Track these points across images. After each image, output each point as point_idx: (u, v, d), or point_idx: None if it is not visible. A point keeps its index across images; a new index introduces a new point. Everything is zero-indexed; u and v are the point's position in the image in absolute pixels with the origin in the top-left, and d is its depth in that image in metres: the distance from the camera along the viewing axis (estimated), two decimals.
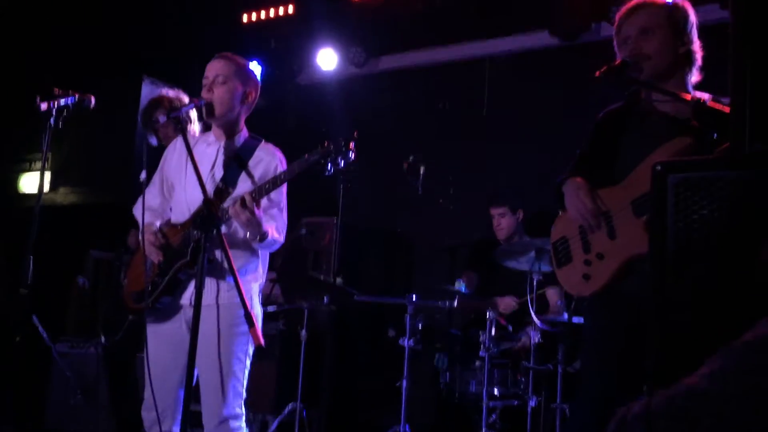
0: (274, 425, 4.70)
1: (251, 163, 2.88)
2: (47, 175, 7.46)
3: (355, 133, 2.61)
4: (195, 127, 3.80)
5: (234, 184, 2.84)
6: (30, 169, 7.66)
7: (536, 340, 4.17)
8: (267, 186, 2.68)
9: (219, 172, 2.88)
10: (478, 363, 4.34)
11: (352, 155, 2.58)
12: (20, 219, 3.77)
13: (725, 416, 0.94)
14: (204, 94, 2.87)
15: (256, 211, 2.63)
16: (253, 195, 2.65)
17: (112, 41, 6.67)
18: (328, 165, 2.57)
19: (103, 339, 2.83)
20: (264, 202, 2.81)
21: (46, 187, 7.38)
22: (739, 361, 0.97)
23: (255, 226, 2.66)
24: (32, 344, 4.96)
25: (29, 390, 5.35)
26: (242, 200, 2.62)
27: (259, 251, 2.91)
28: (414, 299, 4.42)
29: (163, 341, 2.84)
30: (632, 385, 2.36)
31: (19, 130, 6.96)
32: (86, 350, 5.26)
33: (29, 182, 7.63)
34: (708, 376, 0.98)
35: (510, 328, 4.51)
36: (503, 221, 4.91)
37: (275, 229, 2.82)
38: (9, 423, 3.16)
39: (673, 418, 0.98)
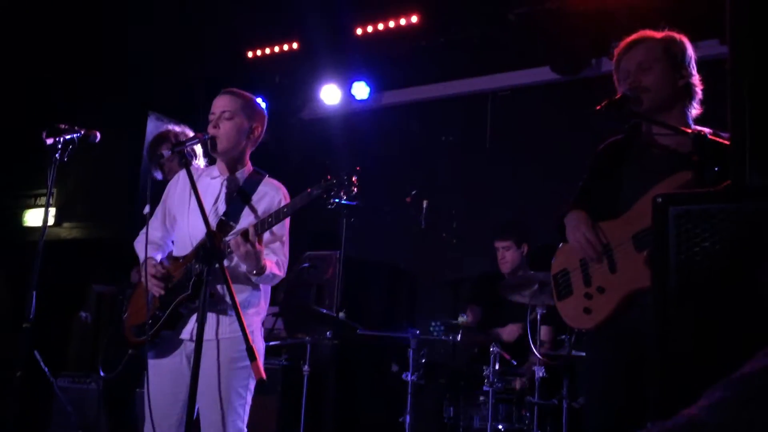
0: None
1: (255, 197, 2.89)
2: (52, 210, 7.50)
3: (358, 168, 2.62)
4: (200, 161, 3.83)
5: (237, 219, 2.85)
6: (35, 204, 7.70)
7: (540, 375, 4.14)
8: (270, 220, 2.69)
9: (222, 206, 2.89)
10: (482, 398, 4.30)
11: (354, 189, 2.59)
12: (24, 253, 3.78)
13: None
14: (210, 129, 2.88)
15: (257, 245, 2.64)
16: (256, 228, 2.66)
17: (117, 76, 6.74)
18: (331, 199, 2.58)
19: (102, 373, 2.82)
20: (266, 236, 2.81)
21: (51, 222, 7.41)
22: (738, 393, 0.97)
23: (254, 259, 2.66)
24: (34, 379, 4.93)
25: (30, 425, 5.31)
26: (245, 233, 2.63)
27: (261, 286, 2.91)
28: (417, 334, 4.40)
29: (163, 376, 2.82)
30: (635, 418, 2.34)
31: (24, 164, 7.01)
32: (87, 385, 5.23)
33: (34, 216, 7.66)
34: (707, 408, 0.97)
35: (514, 362, 4.48)
36: (508, 254, 4.90)
37: (275, 264, 2.82)
38: None
39: None
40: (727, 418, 0.95)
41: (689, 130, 2.47)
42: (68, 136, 3.44)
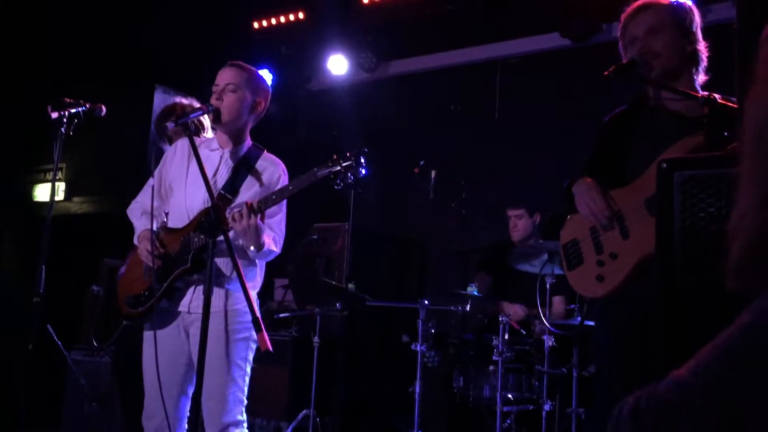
0: None
1: (254, 172, 2.88)
2: (62, 185, 7.52)
3: (366, 149, 2.57)
4: (208, 134, 3.81)
5: (236, 192, 2.83)
6: (45, 180, 7.73)
7: (550, 344, 4.14)
8: (274, 197, 2.67)
9: (221, 179, 2.88)
10: (492, 367, 4.30)
11: (362, 170, 2.55)
12: (35, 228, 3.80)
13: (705, 408, 0.93)
14: (213, 101, 2.86)
15: (257, 220, 2.62)
16: (260, 204, 2.64)
17: (123, 50, 6.71)
18: (338, 180, 2.54)
19: (94, 343, 2.84)
20: (266, 210, 2.80)
21: (61, 196, 7.43)
22: (723, 352, 0.96)
23: (254, 234, 2.65)
24: (47, 353, 4.98)
25: (44, 398, 5.38)
26: (249, 207, 2.61)
27: (256, 260, 2.90)
28: (426, 304, 4.40)
29: (162, 348, 2.82)
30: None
31: (34, 140, 7.02)
32: (100, 358, 5.27)
33: (44, 191, 7.69)
34: (694, 368, 0.96)
35: (523, 332, 4.48)
36: (520, 223, 4.87)
37: (272, 240, 2.81)
38: (24, 431, 3.17)
39: (658, 413, 0.96)
40: (712, 378, 0.95)
41: (699, 95, 2.43)
42: (73, 110, 3.42)
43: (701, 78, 2.63)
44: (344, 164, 2.54)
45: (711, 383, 0.94)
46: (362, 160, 2.54)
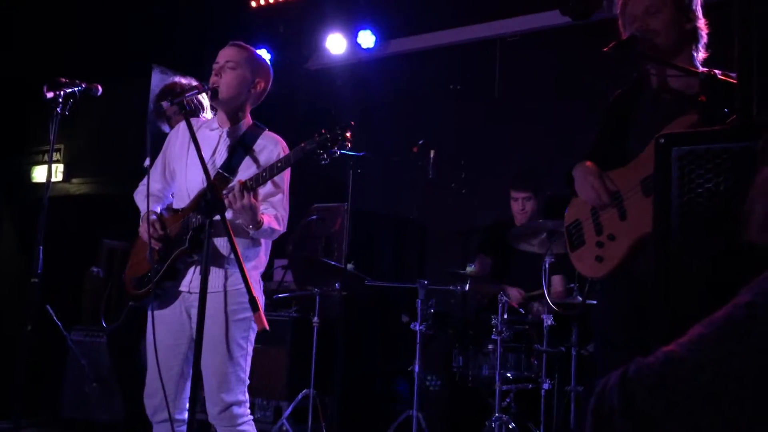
0: (287, 412, 4.70)
1: (253, 151, 2.86)
2: (60, 166, 7.51)
3: (353, 122, 2.57)
4: (208, 114, 3.79)
5: (234, 171, 2.82)
6: (43, 161, 7.71)
7: (549, 323, 4.14)
8: (264, 174, 2.66)
9: (219, 159, 2.87)
10: (490, 346, 4.31)
11: (348, 144, 2.55)
12: (34, 209, 3.80)
13: (699, 383, 0.93)
14: (212, 78, 2.85)
15: (251, 199, 2.61)
16: (250, 182, 2.63)
17: (119, 30, 6.67)
18: (324, 153, 2.55)
19: (104, 324, 2.85)
20: (266, 189, 2.79)
21: (59, 177, 7.42)
22: (717, 328, 0.95)
23: (250, 213, 2.63)
24: (47, 333, 5.00)
25: (44, 379, 5.40)
26: (241, 185, 2.60)
27: (261, 240, 2.89)
28: (425, 284, 4.40)
29: (164, 328, 2.83)
30: None
31: (31, 120, 6.99)
32: (100, 339, 5.29)
33: (42, 173, 7.67)
34: (686, 344, 0.96)
35: (522, 311, 4.48)
36: (528, 205, 4.83)
37: (274, 218, 2.79)
38: (24, 412, 3.18)
39: (650, 386, 0.96)
40: (704, 352, 0.94)
41: (699, 71, 2.41)
42: (69, 90, 3.40)
43: (701, 55, 2.62)
44: (330, 137, 2.53)
45: (704, 359, 0.94)
46: (348, 134, 2.54)
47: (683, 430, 0.93)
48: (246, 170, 2.81)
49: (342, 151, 2.57)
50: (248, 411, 2.80)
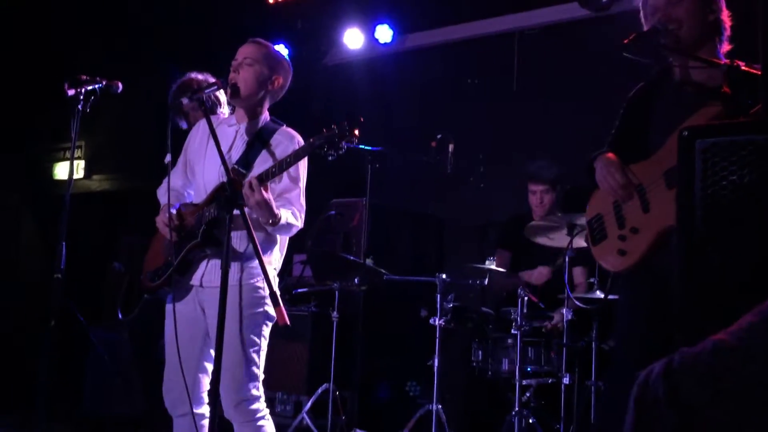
0: (307, 406, 4.72)
1: (268, 146, 2.86)
2: (81, 163, 7.57)
3: (362, 118, 2.56)
4: (225, 109, 3.80)
5: (250, 167, 2.82)
6: (64, 158, 7.79)
7: (569, 318, 4.12)
8: (273, 170, 2.66)
9: (236, 154, 2.88)
10: (510, 341, 4.30)
11: (356, 139, 2.54)
12: (56, 206, 3.84)
13: (749, 373, 0.91)
14: (230, 74, 2.87)
15: (265, 194, 2.61)
16: (261, 178, 2.63)
17: (138, 27, 6.71)
18: (333, 148, 2.55)
19: (120, 316, 2.88)
20: (282, 185, 2.80)
21: (81, 174, 7.49)
22: (766, 318, 0.93)
23: (265, 209, 2.64)
24: (69, 329, 5.05)
25: (67, 373, 5.46)
26: (249, 183, 2.61)
27: (277, 236, 2.89)
28: (444, 278, 4.39)
29: (180, 321, 2.84)
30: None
31: (53, 118, 7.07)
32: (122, 334, 5.34)
33: (63, 170, 7.75)
34: (735, 332, 0.94)
35: (542, 305, 4.46)
36: (546, 198, 4.81)
37: (291, 214, 2.80)
38: (46, 407, 3.22)
39: (697, 375, 0.94)
40: (753, 341, 0.93)
41: (722, 62, 2.39)
42: (90, 87, 3.42)
43: (724, 47, 2.59)
44: (338, 133, 2.53)
45: (754, 348, 0.92)
46: (355, 130, 2.54)
47: (727, 419, 0.91)
48: (261, 165, 2.81)
49: (349, 145, 2.57)
50: (263, 406, 2.79)
